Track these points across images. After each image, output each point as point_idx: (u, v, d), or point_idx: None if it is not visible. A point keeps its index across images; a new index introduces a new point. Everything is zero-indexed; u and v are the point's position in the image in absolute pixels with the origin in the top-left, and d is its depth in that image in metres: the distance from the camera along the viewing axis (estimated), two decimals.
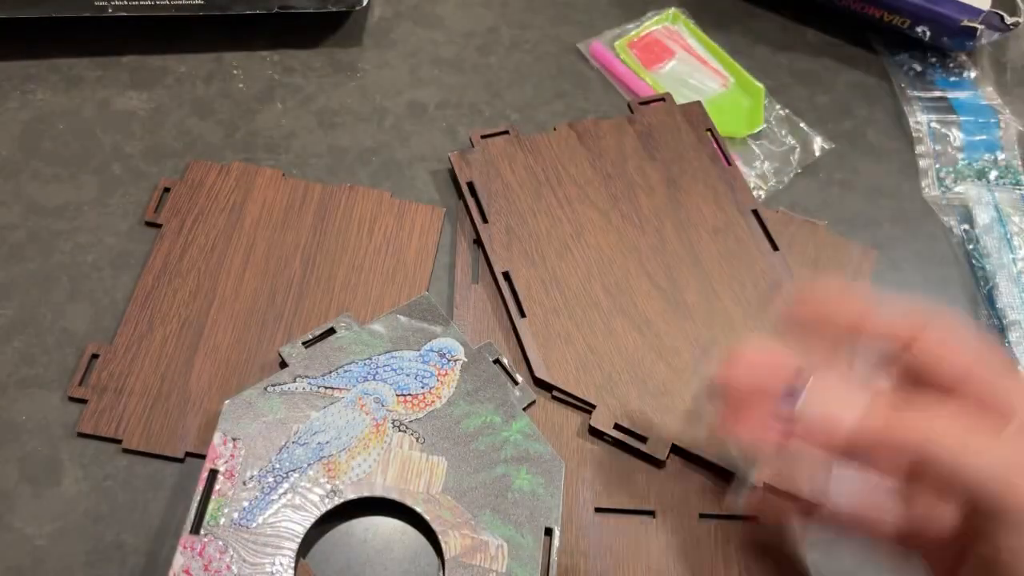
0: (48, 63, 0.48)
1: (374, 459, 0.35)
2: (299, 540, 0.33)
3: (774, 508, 0.33)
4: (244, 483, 0.33)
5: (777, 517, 0.33)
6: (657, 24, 0.55)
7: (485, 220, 0.43)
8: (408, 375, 0.37)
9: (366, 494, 0.34)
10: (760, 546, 0.35)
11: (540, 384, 0.39)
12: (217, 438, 0.34)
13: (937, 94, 0.53)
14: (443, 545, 0.33)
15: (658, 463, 0.38)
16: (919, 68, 0.54)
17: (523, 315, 0.41)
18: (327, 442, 0.35)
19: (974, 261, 0.47)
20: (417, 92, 0.50)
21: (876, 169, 0.50)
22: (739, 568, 0.35)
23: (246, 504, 0.33)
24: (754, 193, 0.47)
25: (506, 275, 0.42)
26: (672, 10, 0.55)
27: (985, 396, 0.25)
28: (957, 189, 0.49)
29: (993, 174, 0.50)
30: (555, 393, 0.39)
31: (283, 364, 0.37)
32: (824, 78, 0.54)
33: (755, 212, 0.45)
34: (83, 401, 0.38)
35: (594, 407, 0.38)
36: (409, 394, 0.36)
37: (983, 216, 0.47)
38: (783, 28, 0.56)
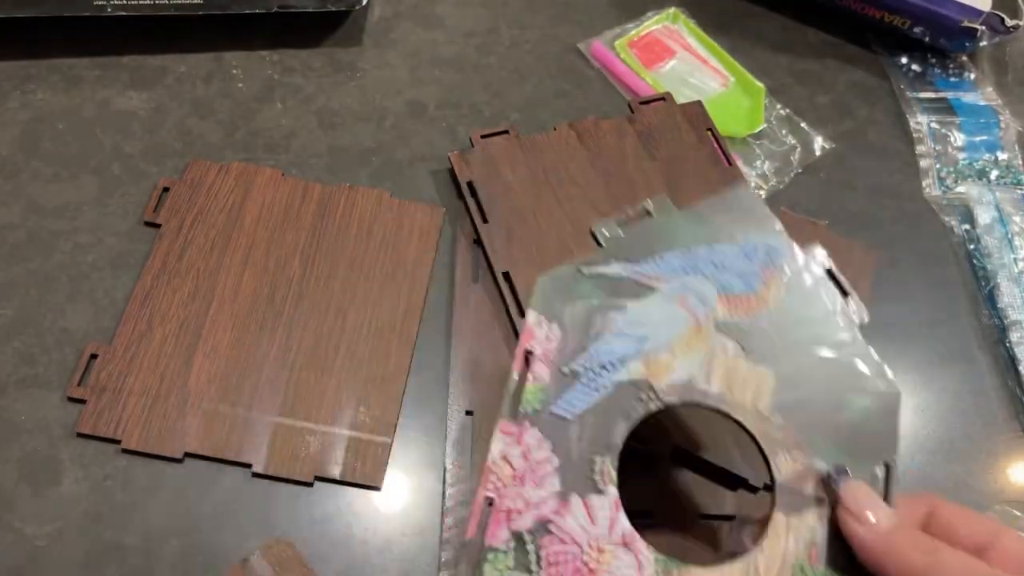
0: (48, 63, 0.48)
1: (697, 363, 0.31)
2: (620, 440, 0.29)
3: None
4: (561, 371, 0.30)
5: None
6: (657, 24, 0.55)
7: (485, 220, 0.43)
8: (730, 272, 0.33)
9: (689, 400, 0.30)
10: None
11: None
12: (532, 317, 0.31)
13: (937, 95, 0.53)
14: (772, 467, 0.30)
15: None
16: (919, 69, 0.54)
17: (523, 315, 0.40)
18: (646, 337, 0.31)
19: (975, 261, 0.47)
20: (417, 92, 0.50)
21: (877, 169, 0.50)
22: None
23: (564, 395, 0.29)
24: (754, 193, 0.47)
25: (506, 275, 0.42)
26: (672, 9, 0.55)
27: (1012, 555, 0.26)
28: (958, 189, 0.49)
29: (994, 174, 0.50)
30: None
31: (597, 243, 0.34)
32: (825, 78, 0.54)
33: None
34: (82, 401, 0.37)
35: None
36: (732, 294, 0.32)
37: (984, 216, 0.47)
38: (783, 28, 0.56)
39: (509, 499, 0.28)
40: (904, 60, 0.55)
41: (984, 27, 0.50)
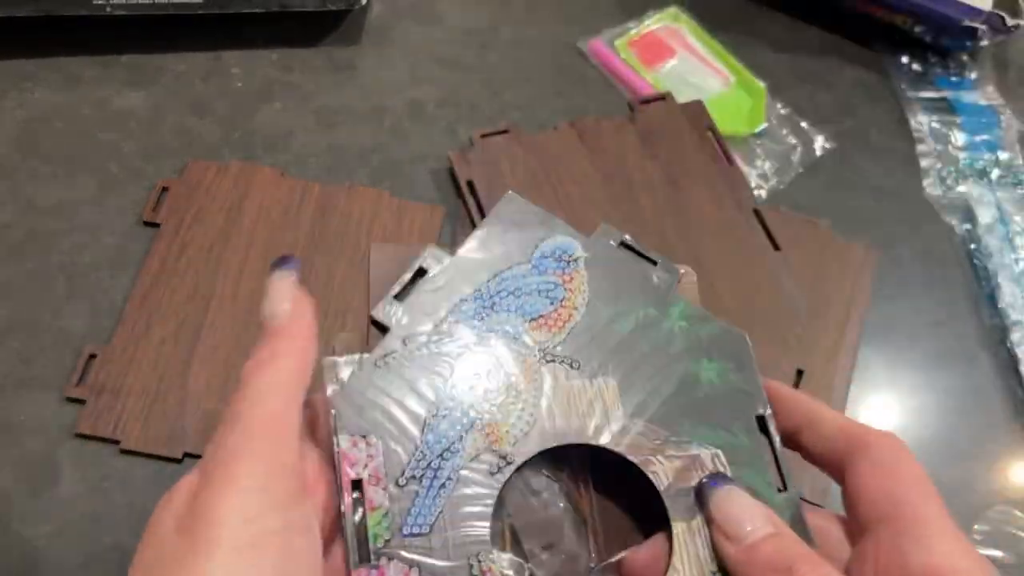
0: (46, 62, 0.48)
1: (533, 404, 0.28)
2: (488, 525, 0.27)
3: None
4: (397, 483, 0.27)
5: None
6: (658, 23, 0.55)
7: None
8: (530, 294, 0.30)
9: (539, 448, 0.28)
10: None
11: None
12: (344, 442, 0.27)
13: (938, 94, 0.53)
14: (651, 477, 0.27)
15: None
16: (920, 68, 0.54)
17: None
18: (471, 404, 0.28)
19: (976, 261, 0.46)
20: (417, 91, 0.50)
21: (878, 168, 0.50)
22: None
23: (411, 507, 0.26)
24: (755, 192, 0.46)
25: None
26: (673, 8, 0.55)
27: (907, 530, 0.23)
28: (959, 189, 0.49)
29: (995, 173, 0.50)
30: None
31: (382, 329, 0.30)
32: (826, 77, 0.54)
33: (756, 212, 0.45)
34: (81, 402, 0.37)
35: None
36: (540, 316, 0.30)
37: (985, 216, 0.47)
38: (784, 27, 0.56)
39: None
40: (905, 59, 0.55)
41: (985, 26, 0.50)
